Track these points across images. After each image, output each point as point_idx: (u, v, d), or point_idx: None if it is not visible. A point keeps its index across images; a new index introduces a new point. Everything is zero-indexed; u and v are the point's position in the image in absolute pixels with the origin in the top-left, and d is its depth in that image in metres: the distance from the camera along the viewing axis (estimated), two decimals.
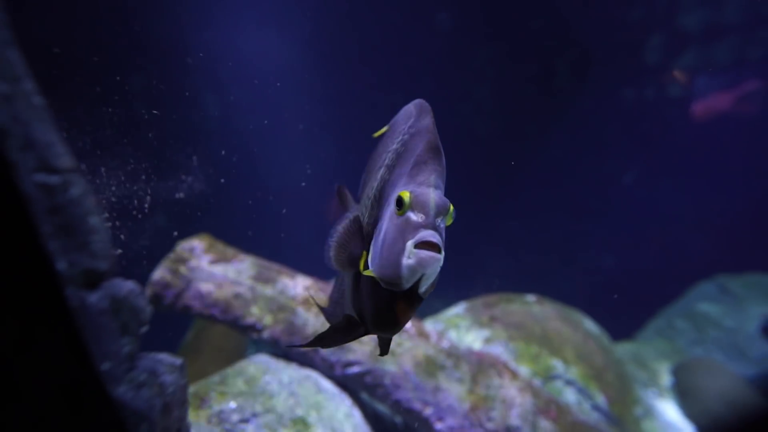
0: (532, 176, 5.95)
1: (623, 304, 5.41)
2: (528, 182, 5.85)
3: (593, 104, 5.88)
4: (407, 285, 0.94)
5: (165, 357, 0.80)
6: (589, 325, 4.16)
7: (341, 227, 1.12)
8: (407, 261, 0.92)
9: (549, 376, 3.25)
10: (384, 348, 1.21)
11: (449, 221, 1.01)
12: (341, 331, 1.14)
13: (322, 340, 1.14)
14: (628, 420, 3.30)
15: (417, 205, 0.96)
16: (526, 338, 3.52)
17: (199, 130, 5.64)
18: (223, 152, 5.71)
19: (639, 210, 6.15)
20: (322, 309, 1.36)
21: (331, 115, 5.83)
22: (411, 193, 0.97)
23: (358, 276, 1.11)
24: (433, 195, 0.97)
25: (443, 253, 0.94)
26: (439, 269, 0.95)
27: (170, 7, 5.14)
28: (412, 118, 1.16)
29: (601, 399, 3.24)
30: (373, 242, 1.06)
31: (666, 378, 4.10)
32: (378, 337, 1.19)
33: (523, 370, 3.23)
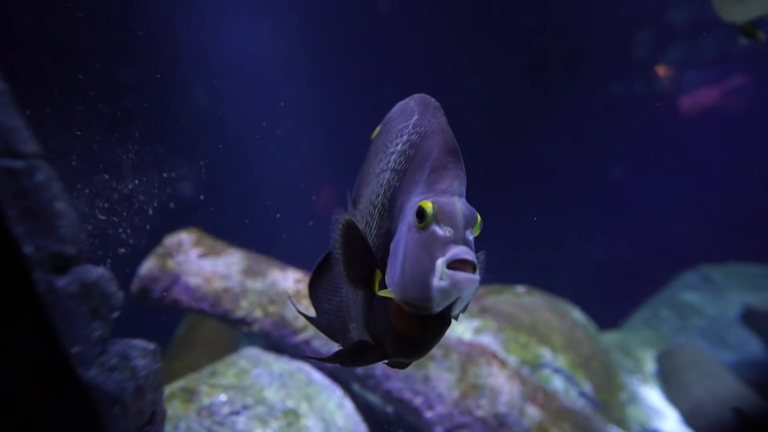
0: (523, 169, 6.01)
1: (610, 294, 5.52)
2: (519, 175, 5.90)
3: (583, 98, 5.94)
4: (438, 309, 0.84)
5: (138, 342, 0.80)
6: (577, 314, 4.24)
7: (342, 237, 0.97)
8: (439, 283, 0.81)
9: (537, 365, 3.31)
10: (399, 366, 1.06)
11: (476, 232, 0.91)
12: (357, 355, 1.03)
13: (339, 358, 1.04)
14: (613, 405, 3.39)
15: (443, 217, 0.85)
16: (516, 328, 3.57)
17: (189, 123, 5.55)
18: (215, 146, 5.65)
19: (627, 202, 6.27)
20: (312, 320, 1.23)
21: (320, 108, 5.79)
22: (434, 203, 0.86)
23: (370, 295, 1.00)
24: (460, 205, 0.87)
25: (479, 272, 0.84)
26: (474, 291, 0.85)
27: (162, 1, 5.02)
28: (415, 115, 1.06)
29: (587, 386, 3.32)
30: (390, 259, 0.94)
31: (650, 365, 4.22)
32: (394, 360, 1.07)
33: (512, 359, 3.29)
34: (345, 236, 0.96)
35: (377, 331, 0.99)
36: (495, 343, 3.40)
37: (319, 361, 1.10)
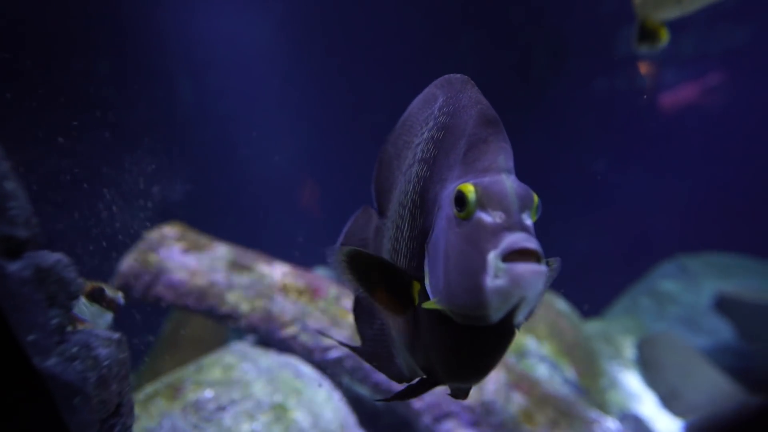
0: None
1: (593, 283, 5.68)
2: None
3: (568, 93, 6.04)
4: (498, 316, 0.67)
5: (101, 331, 0.77)
6: (561, 304, 4.34)
7: (352, 272, 0.79)
8: (494, 282, 0.64)
9: (523, 353, 3.39)
10: (460, 394, 0.88)
11: (534, 217, 0.72)
12: (416, 390, 0.88)
13: (399, 396, 0.89)
14: (594, 391, 3.50)
15: (489, 199, 0.68)
16: None
17: (174, 117, 5.41)
18: (200, 140, 5.52)
19: (609, 195, 6.42)
20: (355, 350, 1.09)
21: (306, 103, 5.72)
22: (476, 185, 0.70)
23: (410, 313, 0.83)
24: (510, 182, 0.70)
25: (545, 265, 0.66)
26: (542, 289, 0.68)
27: None
28: (440, 98, 0.90)
29: (570, 373, 3.42)
30: (428, 263, 0.77)
31: (630, 352, 4.37)
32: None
33: None
34: (353, 269, 0.79)
35: (425, 353, 0.82)
36: None
37: (390, 401, 0.95)
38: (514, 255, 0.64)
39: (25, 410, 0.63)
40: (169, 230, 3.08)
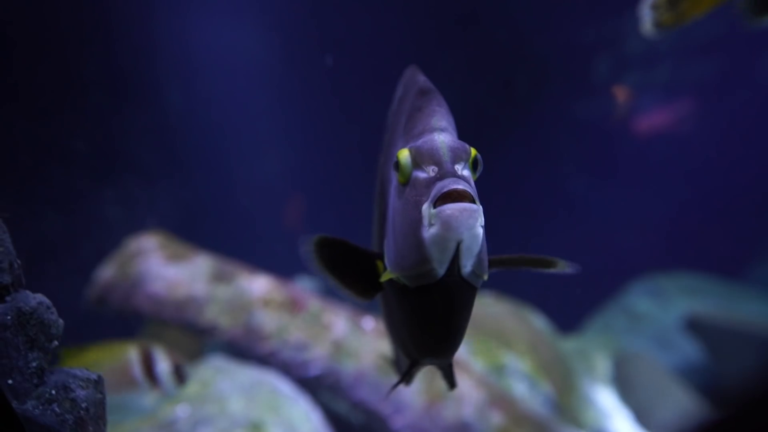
0: (492, 180, 6.23)
1: (569, 300, 5.81)
2: (487, 184, 6.12)
3: (548, 115, 6.27)
4: (441, 267, 0.65)
5: (79, 371, 0.78)
6: (539, 321, 4.43)
7: (323, 261, 0.79)
8: (429, 231, 0.64)
9: (502, 370, 3.43)
10: (449, 379, 0.92)
11: (475, 174, 0.73)
12: (404, 376, 0.90)
13: (394, 386, 0.93)
14: (571, 408, 3.57)
15: (421, 157, 0.69)
16: (483, 335, 3.69)
17: (164, 125, 5.35)
18: (189, 149, 5.46)
19: (586, 214, 6.64)
20: (394, 364, 1.01)
21: (295, 118, 5.75)
22: (409, 148, 0.71)
23: (386, 293, 0.82)
24: (441, 138, 0.70)
25: (479, 205, 0.65)
26: (480, 231, 0.65)
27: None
28: (399, 91, 0.94)
29: (548, 390, 3.47)
30: (386, 238, 0.78)
31: (605, 369, 4.48)
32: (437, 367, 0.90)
33: (479, 364, 3.39)
34: (321, 256, 0.78)
35: (398, 333, 0.81)
36: (464, 349, 3.50)
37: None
38: (445, 199, 0.64)
39: None
40: (149, 239, 3.02)
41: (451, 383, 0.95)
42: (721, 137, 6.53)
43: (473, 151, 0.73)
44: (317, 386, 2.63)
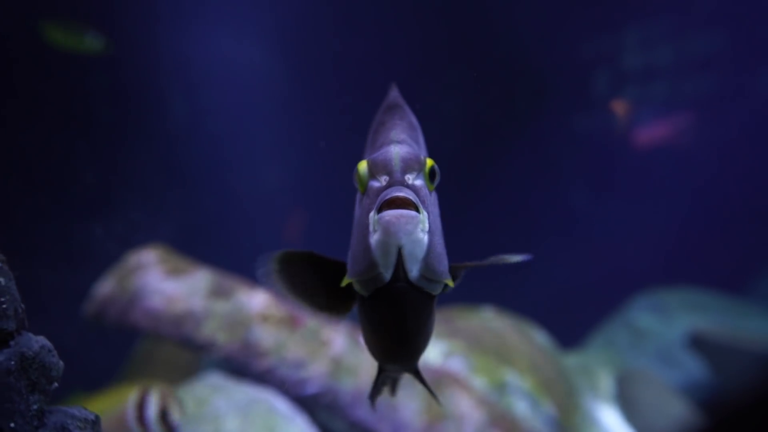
0: (492, 192, 6.25)
1: (572, 314, 5.76)
2: (488, 198, 6.13)
3: (548, 128, 6.32)
4: (387, 272, 0.68)
5: (77, 411, 0.79)
6: (541, 337, 4.38)
7: (284, 278, 0.81)
8: (374, 237, 0.68)
9: (503, 388, 3.38)
10: (425, 385, 0.97)
11: (431, 184, 0.76)
12: (374, 385, 0.95)
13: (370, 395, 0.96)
14: (573, 428, 3.50)
15: (375, 168, 0.73)
16: (483, 351, 3.64)
17: (166, 137, 5.40)
18: (191, 159, 5.50)
19: (587, 227, 6.62)
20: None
21: (299, 130, 5.80)
22: (367, 160, 0.75)
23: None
24: (396, 150, 0.73)
25: (423, 213, 0.68)
26: (422, 237, 0.67)
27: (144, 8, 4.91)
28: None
29: (550, 408, 3.41)
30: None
31: (608, 386, 4.40)
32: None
33: (480, 382, 3.34)
34: (288, 278, 0.79)
35: (366, 341, 0.83)
36: (464, 367, 3.45)
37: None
38: (388, 206, 0.67)
39: None
40: (150, 253, 3.01)
41: (430, 391, 0.98)
42: (722, 151, 6.56)
43: (429, 162, 0.76)
44: (315, 405, 2.59)
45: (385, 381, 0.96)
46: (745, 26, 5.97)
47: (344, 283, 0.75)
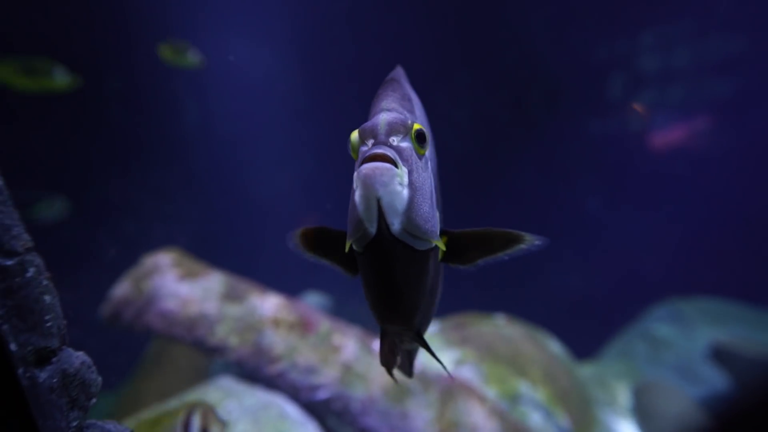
0: (504, 198, 6.18)
1: (586, 324, 5.63)
2: (499, 203, 6.06)
3: (561, 133, 6.23)
4: (372, 226, 0.71)
5: (113, 427, 0.78)
6: (555, 346, 4.28)
7: (308, 246, 0.90)
8: (356, 194, 0.72)
9: (516, 398, 3.30)
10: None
11: (420, 148, 0.78)
12: (381, 346, 0.96)
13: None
14: None
15: (364, 134, 0.77)
16: (496, 360, 3.57)
17: (180, 141, 5.49)
18: (203, 164, 5.58)
19: (602, 234, 6.48)
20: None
21: (309, 135, 5.85)
22: (358, 128, 0.79)
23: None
24: (384, 115, 0.77)
25: (403, 168, 0.71)
26: (399, 189, 0.70)
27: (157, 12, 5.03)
28: None
29: (565, 421, 3.32)
30: None
31: (624, 399, 4.27)
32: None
33: (492, 392, 3.27)
34: (309, 243, 0.89)
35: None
36: (475, 376, 3.39)
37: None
38: (366, 161, 0.71)
39: None
40: (165, 256, 3.05)
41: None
42: (742, 156, 6.37)
43: (415, 126, 0.79)
44: (325, 411, 2.56)
45: (392, 349, 0.95)
46: (764, 29, 5.82)
47: (347, 248, 0.78)
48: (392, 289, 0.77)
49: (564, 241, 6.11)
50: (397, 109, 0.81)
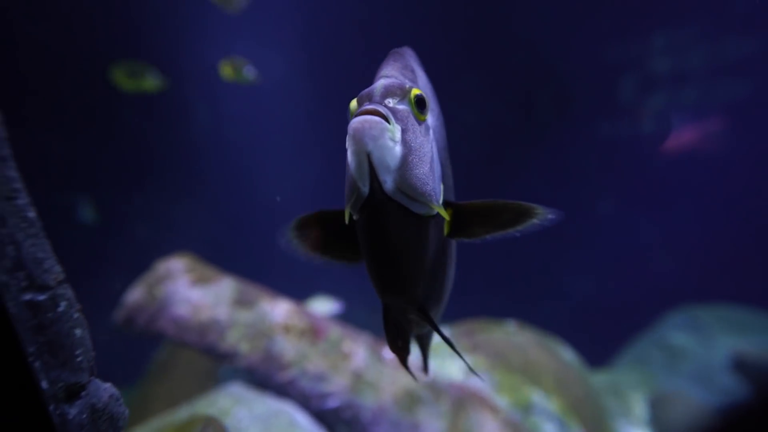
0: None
1: (599, 330, 5.51)
2: None
3: (571, 135, 6.14)
4: (364, 185, 0.69)
5: None
6: (568, 353, 4.20)
7: (298, 234, 0.90)
8: (348, 153, 0.71)
9: (529, 409, 3.24)
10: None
11: (420, 114, 0.77)
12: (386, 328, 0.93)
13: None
14: None
15: (361, 98, 0.77)
16: (507, 368, 3.51)
17: (190, 143, 5.56)
18: (214, 167, 5.63)
19: (614, 238, 6.36)
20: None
21: (321, 136, 5.86)
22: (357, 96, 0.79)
23: None
24: (381, 81, 0.78)
25: (395, 125, 0.69)
26: (390, 144, 0.68)
27: (165, 16, 5.10)
28: None
29: None
30: None
31: (640, 409, 4.16)
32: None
33: (504, 401, 3.21)
34: (299, 233, 0.87)
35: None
36: (487, 384, 3.34)
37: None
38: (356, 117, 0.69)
39: None
40: (178, 261, 3.07)
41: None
42: (759, 158, 6.21)
43: (414, 90, 0.78)
44: (335, 420, 2.54)
45: (398, 329, 0.91)
46: None
47: (346, 216, 0.75)
48: (388, 253, 0.74)
49: (576, 246, 6.01)
50: (395, 75, 0.81)
